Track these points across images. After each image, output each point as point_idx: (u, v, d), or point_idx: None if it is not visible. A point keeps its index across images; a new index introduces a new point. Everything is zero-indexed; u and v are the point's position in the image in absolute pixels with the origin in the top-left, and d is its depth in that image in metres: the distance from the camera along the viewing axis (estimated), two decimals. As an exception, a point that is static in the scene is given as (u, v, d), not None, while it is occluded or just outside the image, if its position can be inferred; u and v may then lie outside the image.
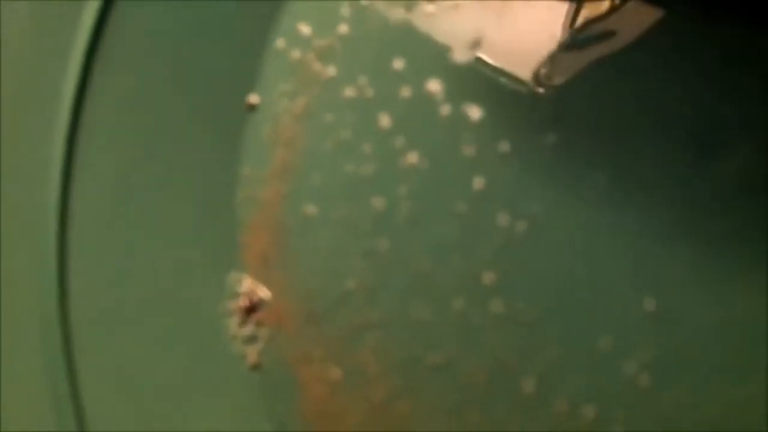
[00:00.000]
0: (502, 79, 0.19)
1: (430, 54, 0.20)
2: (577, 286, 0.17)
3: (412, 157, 0.19)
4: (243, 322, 0.20)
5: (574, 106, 0.18)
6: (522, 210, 0.18)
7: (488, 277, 0.18)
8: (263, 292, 0.20)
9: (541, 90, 0.19)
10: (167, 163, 0.20)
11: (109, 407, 0.19)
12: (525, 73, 0.19)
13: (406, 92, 0.20)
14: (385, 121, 0.20)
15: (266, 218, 0.21)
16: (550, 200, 0.18)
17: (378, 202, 0.20)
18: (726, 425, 0.16)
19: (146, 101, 0.20)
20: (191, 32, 0.21)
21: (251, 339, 0.20)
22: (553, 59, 0.19)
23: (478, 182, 0.19)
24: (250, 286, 0.20)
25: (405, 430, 0.18)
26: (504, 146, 0.19)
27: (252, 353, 0.20)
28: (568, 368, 0.17)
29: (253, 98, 0.22)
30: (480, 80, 0.19)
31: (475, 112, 0.19)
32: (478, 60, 0.19)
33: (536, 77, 0.19)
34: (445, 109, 0.19)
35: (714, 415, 0.16)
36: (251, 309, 0.20)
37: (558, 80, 0.18)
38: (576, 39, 0.19)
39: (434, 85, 0.20)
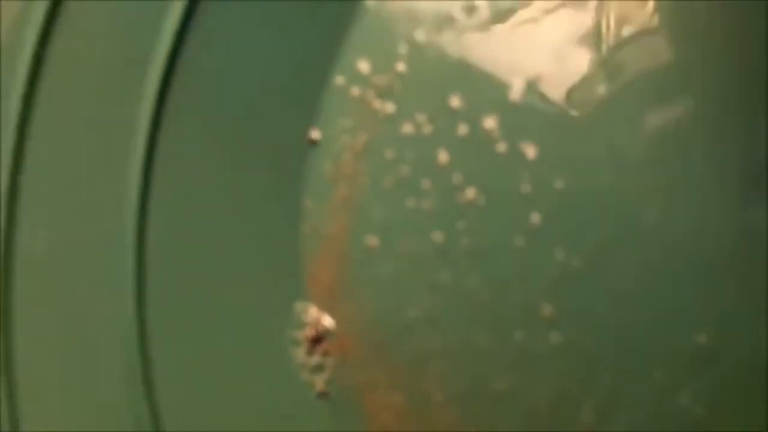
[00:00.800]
0: (553, 110, 0.20)
1: (486, 92, 0.20)
2: (631, 320, 0.18)
3: (470, 193, 0.20)
4: (310, 352, 0.21)
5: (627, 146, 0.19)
6: (578, 245, 0.19)
7: (547, 309, 0.19)
8: (328, 322, 0.21)
9: (574, 113, 0.19)
10: (234, 197, 0.21)
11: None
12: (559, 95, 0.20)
13: (463, 129, 0.21)
14: (443, 157, 0.21)
15: (331, 250, 0.22)
16: (604, 236, 0.19)
17: (438, 236, 0.20)
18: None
19: (214, 138, 0.21)
20: (255, 70, 0.22)
21: (318, 368, 0.21)
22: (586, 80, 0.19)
23: (535, 217, 0.20)
24: (316, 316, 0.21)
25: (469, 456, 0.19)
26: (559, 183, 0.19)
27: (319, 382, 0.21)
28: (624, 398, 0.18)
29: (315, 134, 0.22)
30: (535, 117, 0.20)
31: (530, 150, 0.20)
32: (535, 95, 0.20)
33: (569, 99, 0.20)
34: (502, 147, 0.20)
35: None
36: (317, 339, 0.21)
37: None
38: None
39: (490, 122, 0.20)
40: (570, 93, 0.20)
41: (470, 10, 0.21)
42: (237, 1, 0.22)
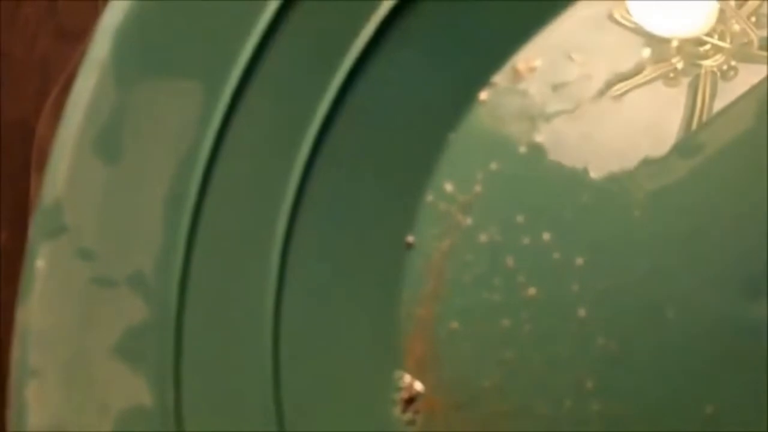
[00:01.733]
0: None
1: (546, 212, 0.27)
2: (653, 392, 0.24)
3: (531, 291, 0.26)
4: (404, 410, 0.27)
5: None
6: (615, 334, 0.25)
7: (589, 383, 0.25)
8: (419, 387, 0.28)
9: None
10: (350, 292, 0.28)
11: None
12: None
13: (526, 240, 0.27)
14: (510, 262, 0.27)
15: (422, 331, 0.28)
16: (632, 328, 0.25)
17: (505, 323, 0.27)
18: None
19: (335, 246, 0.28)
20: (367, 196, 0.28)
21: (410, 423, 0.27)
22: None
23: (582, 312, 0.26)
24: (410, 382, 0.28)
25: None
26: (601, 285, 0.25)
27: (412, 433, 0.27)
28: (649, 455, 0.24)
29: (410, 239, 0.29)
30: (584, 233, 0.26)
31: (579, 260, 0.26)
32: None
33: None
34: (557, 255, 0.26)
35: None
36: (410, 400, 0.27)
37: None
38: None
39: (547, 236, 0.27)
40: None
41: (533, 146, 0.28)
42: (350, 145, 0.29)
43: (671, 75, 0.27)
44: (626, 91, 0.27)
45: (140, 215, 0.27)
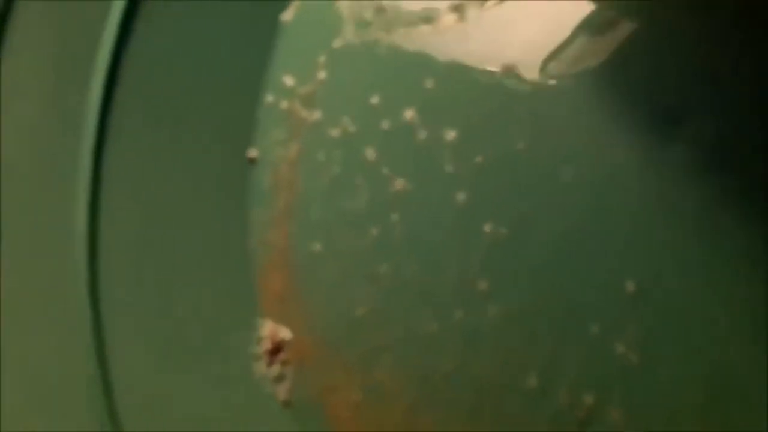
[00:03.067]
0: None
1: (403, 86, 0.21)
2: (561, 281, 0.18)
3: (399, 184, 0.21)
4: (270, 364, 0.21)
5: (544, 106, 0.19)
6: (503, 216, 0.19)
7: (482, 284, 0.19)
8: (284, 333, 0.22)
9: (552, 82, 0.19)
10: (184, 219, 0.22)
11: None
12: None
13: (385, 124, 0.21)
14: (370, 154, 0.21)
15: (278, 259, 0.22)
16: (526, 204, 0.19)
17: (374, 230, 0.21)
18: (713, 390, 0.17)
19: (161, 160, 0.22)
20: (193, 99, 0.22)
21: (279, 378, 0.22)
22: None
23: (461, 196, 0.20)
24: (272, 329, 0.22)
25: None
26: (479, 158, 0.20)
27: (281, 391, 0.21)
28: (564, 359, 0.18)
29: (252, 152, 0.23)
30: (451, 102, 0.20)
31: (450, 133, 0.20)
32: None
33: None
34: (422, 134, 0.20)
35: (701, 384, 0.17)
36: (275, 350, 0.21)
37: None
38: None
39: (410, 113, 0.21)
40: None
41: (380, 9, 0.22)
42: (167, 37, 0.23)
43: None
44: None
45: None
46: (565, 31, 0.19)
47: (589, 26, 0.19)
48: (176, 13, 0.22)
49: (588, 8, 0.19)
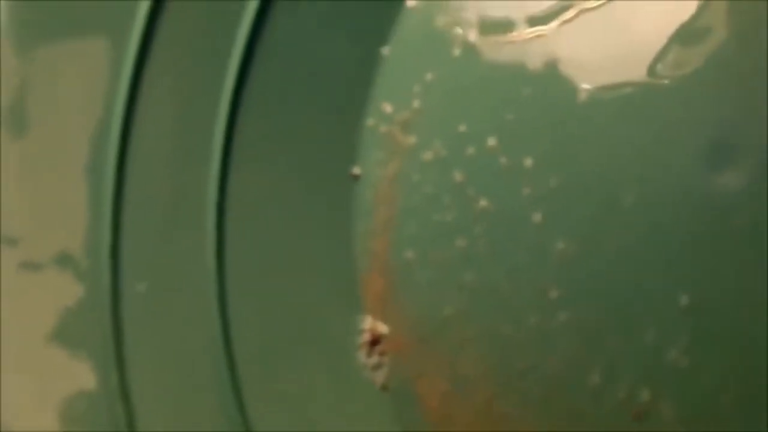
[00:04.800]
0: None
1: (487, 117, 0.24)
2: (623, 293, 0.21)
3: (483, 203, 0.24)
4: (369, 354, 0.25)
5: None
6: (573, 234, 0.22)
7: (553, 293, 0.22)
8: (382, 328, 0.25)
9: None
10: (297, 231, 0.26)
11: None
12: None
13: (471, 150, 0.24)
14: (458, 176, 0.24)
15: (378, 265, 0.26)
16: (594, 224, 0.22)
17: (461, 243, 0.24)
18: (755, 390, 0.20)
19: (278, 179, 0.26)
20: (305, 120, 0.26)
21: (377, 366, 0.25)
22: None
23: (536, 216, 0.23)
24: (372, 324, 0.25)
25: (504, 426, 0.23)
26: (553, 183, 0.23)
27: (379, 377, 0.25)
28: (624, 361, 0.21)
29: (356, 170, 0.27)
30: (529, 132, 0.23)
31: (528, 160, 0.23)
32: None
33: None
34: (503, 160, 0.24)
35: (744, 386, 0.20)
36: (374, 342, 0.25)
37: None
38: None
39: (492, 141, 0.24)
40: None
41: (467, 45, 0.25)
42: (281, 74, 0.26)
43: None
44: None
45: (61, 189, 0.26)
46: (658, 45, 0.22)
47: (681, 37, 0.22)
48: (292, 47, 0.26)
49: (681, 18, 0.22)
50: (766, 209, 0.20)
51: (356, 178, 0.26)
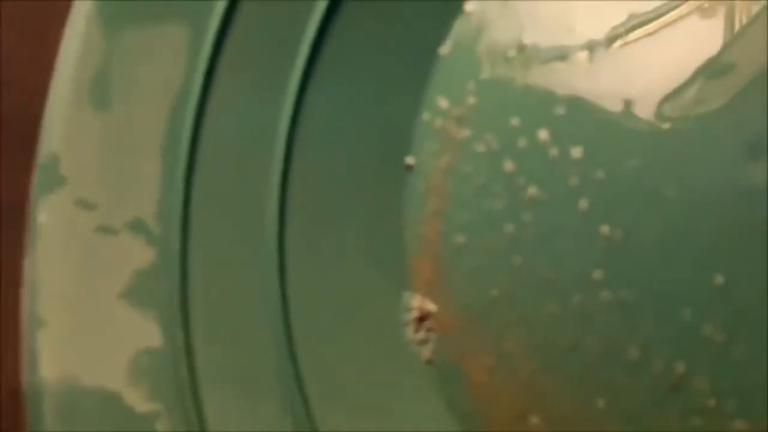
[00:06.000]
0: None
1: (538, 112, 0.26)
2: (662, 274, 0.23)
3: (532, 191, 0.26)
4: (417, 330, 0.27)
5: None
6: (618, 221, 0.24)
7: (597, 275, 0.24)
8: (430, 306, 0.27)
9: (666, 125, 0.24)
10: (352, 216, 0.28)
11: (332, 402, 0.26)
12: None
13: (522, 142, 0.26)
14: (509, 166, 0.26)
15: (428, 250, 0.27)
16: (637, 212, 0.24)
17: (509, 228, 0.26)
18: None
19: (336, 169, 0.28)
20: (362, 119, 0.28)
21: (424, 341, 0.27)
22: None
23: (583, 204, 0.25)
24: (420, 302, 0.27)
25: (545, 399, 0.24)
26: (600, 174, 0.24)
27: (425, 352, 0.27)
28: (661, 336, 0.23)
29: (410, 160, 0.28)
30: (578, 127, 0.25)
31: (576, 152, 0.25)
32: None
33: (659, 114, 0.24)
34: (553, 151, 0.25)
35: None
36: (422, 319, 0.27)
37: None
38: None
39: (543, 134, 0.26)
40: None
41: (521, 48, 0.27)
42: (344, 69, 0.28)
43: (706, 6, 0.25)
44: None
45: (137, 161, 0.28)
46: (685, 74, 0.24)
47: (709, 69, 0.24)
48: (356, 47, 0.28)
49: (711, 51, 0.24)
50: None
51: (410, 168, 0.28)
